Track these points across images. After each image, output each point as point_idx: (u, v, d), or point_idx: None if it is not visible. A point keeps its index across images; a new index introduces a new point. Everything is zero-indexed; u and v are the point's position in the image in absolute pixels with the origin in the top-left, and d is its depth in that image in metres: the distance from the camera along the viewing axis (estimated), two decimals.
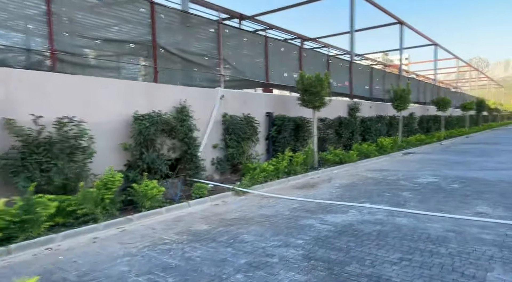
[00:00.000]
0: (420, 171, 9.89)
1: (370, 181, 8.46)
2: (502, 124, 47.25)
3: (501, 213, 5.35)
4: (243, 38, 10.05)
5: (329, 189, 7.55)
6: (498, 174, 8.88)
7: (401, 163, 11.85)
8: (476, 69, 53.50)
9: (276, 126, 10.38)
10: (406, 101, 16.50)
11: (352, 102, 14.89)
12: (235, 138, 8.86)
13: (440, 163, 11.36)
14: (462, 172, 9.47)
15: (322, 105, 10.50)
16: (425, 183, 8.02)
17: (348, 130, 14.11)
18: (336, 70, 14.87)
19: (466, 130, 28.21)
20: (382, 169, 10.56)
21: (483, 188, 7.28)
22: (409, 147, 16.88)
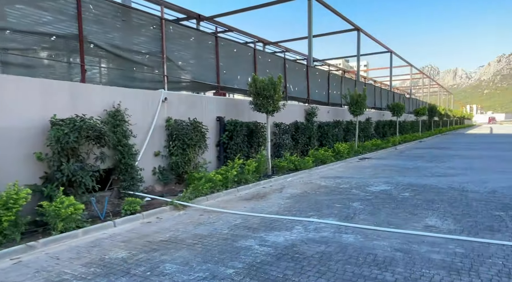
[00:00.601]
0: (373, 178, 9.72)
1: (322, 190, 8.07)
2: (452, 129, 50.27)
3: (451, 225, 5.09)
4: (190, 37, 9.33)
5: (279, 200, 7.03)
6: (448, 181, 8.89)
7: (356, 169, 11.70)
8: (428, 76, 56.62)
9: (228, 132, 9.75)
10: (362, 106, 16.60)
11: (309, 107, 14.66)
12: (180, 145, 8.09)
13: (394, 169, 11.34)
14: (414, 178, 9.41)
15: (276, 109, 10.04)
16: (377, 191, 7.76)
17: (305, 136, 13.82)
18: (293, 74, 14.58)
19: (419, 134, 29.39)
20: (337, 176, 10.29)
21: (433, 196, 7.13)
22: (365, 152, 17.00)
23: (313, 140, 14.53)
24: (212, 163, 9.55)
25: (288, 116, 13.27)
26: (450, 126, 52.78)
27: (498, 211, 5.81)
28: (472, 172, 10.28)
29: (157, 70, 8.50)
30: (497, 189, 7.73)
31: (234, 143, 9.86)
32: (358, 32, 24.35)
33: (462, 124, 70.78)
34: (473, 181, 8.75)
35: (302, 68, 15.20)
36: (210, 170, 8.93)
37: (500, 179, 8.95)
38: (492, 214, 5.64)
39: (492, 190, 7.58)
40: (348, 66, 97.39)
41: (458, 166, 11.81)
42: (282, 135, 12.37)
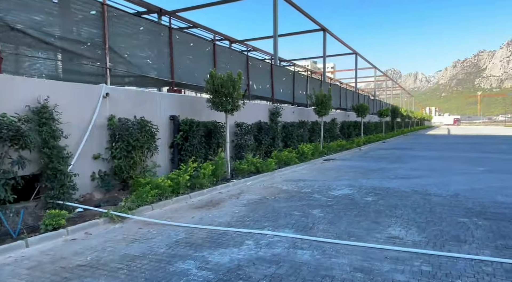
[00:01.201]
0: (336, 180, 9.31)
1: (282, 195, 7.49)
2: (413, 129, 52.24)
3: (415, 236, 4.66)
4: (139, 27, 8.40)
5: (233, 208, 6.34)
6: (411, 184, 8.66)
7: (320, 171, 11.29)
8: (391, 79, 58.54)
9: (182, 132, 8.92)
10: (327, 107, 16.35)
11: (273, 107, 14.13)
12: (124, 147, 7.17)
13: (357, 171, 11.05)
14: (377, 181, 9.10)
15: (236, 108, 9.36)
16: (340, 196, 7.31)
17: (269, 136, 13.26)
18: (257, 72, 13.97)
19: (383, 135, 29.97)
20: (299, 179, 9.79)
21: (396, 201, 6.77)
22: (330, 153, 16.78)
23: (278, 140, 14.02)
24: (165, 167, 8.69)
25: (251, 116, 12.65)
26: (411, 127, 54.86)
27: (462, 218, 5.49)
28: (434, 174, 10.19)
29: (99, 63, 7.51)
30: (459, 192, 7.55)
31: (190, 144, 9.05)
32: (324, 32, 24.29)
33: (422, 125, 74.04)
34: (435, 184, 8.57)
35: (267, 66, 14.64)
36: (162, 174, 8.09)
37: (461, 181, 8.85)
38: (457, 221, 5.30)
39: (454, 193, 7.36)
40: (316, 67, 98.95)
41: (421, 167, 11.76)
42: (244, 135, 11.71)
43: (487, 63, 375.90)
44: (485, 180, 9.03)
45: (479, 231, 4.81)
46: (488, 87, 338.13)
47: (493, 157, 14.59)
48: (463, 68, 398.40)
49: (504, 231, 4.82)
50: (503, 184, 8.33)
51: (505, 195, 7.15)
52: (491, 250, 4.08)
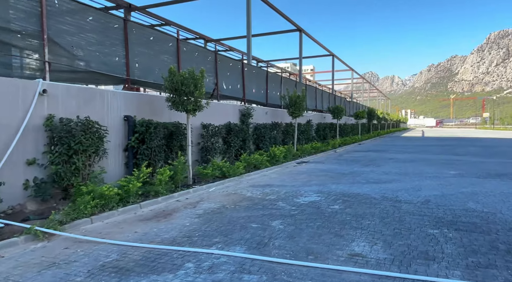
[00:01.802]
0: (306, 186, 8.80)
1: (244, 203, 6.87)
2: (389, 131, 53.06)
3: (380, 252, 4.15)
4: (87, 17, 7.57)
5: (185, 220, 5.66)
6: (381, 189, 8.25)
7: (290, 175, 10.77)
8: (368, 81, 59.33)
9: (138, 134, 8.14)
10: (301, 108, 15.91)
11: (244, 107, 13.52)
12: (65, 151, 6.34)
13: (329, 175, 10.60)
14: (347, 186, 8.65)
15: (198, 108, 8.68)
16: (306, 203, 6.77)
17: (239, 138, 12.64)
18: (227, 71, 13.33)
19: (359, 137, 30.01)
20: (267, 184, 9.22)
21: (365, 209, 6.30)
22: (304, 156, 16.35)
23: (249, 143, 13.42)
24: (118, 172, 7.89)
25: (219, 117, 11.99)
26: (387, 129, 55.77)
27: (432, 229, 5.05)
28: (406, 178, 9.87)
29: (37, 55, 6.64)
30: (430, 198, 7.18)
31: (147, 147, 8.29)
32: (300, 33, 23.96)
33: (398, 127, 75.59)
34: (406, 189, 8.20)
35: (237, 65, 14.02)
36: (114, 180, 7.30)
37: (432, 186, 8.53)
38: (426, 233, 4.85)
39: (425, 200, 6.98)
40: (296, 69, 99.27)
41: (393, 170, 11.46)
42: (211, 137, 11.04)
43: (459, 68, 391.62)
44: (456, 184, 8.76)
45: (449, 245, 4.36)
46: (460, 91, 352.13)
47: (464, 159, 14.58)
48: (437, 72, 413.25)
49: (475, 244, 4.39)
50: (473, 189, 8.05)
51: (476, 201, 6.83)
52: (461, 271, 3.61)
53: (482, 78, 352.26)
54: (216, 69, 12.25)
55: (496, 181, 9.19)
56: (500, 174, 10.37)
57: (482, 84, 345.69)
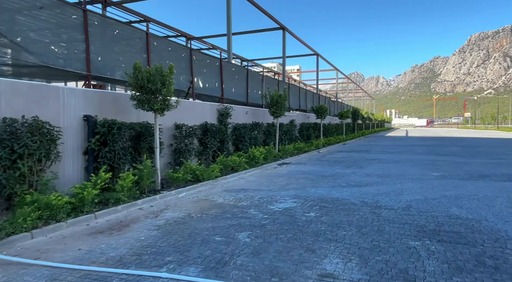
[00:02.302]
0: (283, 190, 8.28)
1: (213, 211, 6.29)
2: (373, 131, 53.31)
3: (354, 272, 3.64)
4: (38, 5, 6.81)
5: (141, 233, 5.04)
6: (362, 193, 7.80)
7: (269, 178, 10.23)
8: (353, 81, 59.54)
9: (99, 135, 7.44)
10: (282, 107, 15.43)
11: (222, 107, 12.92)
12: (7, 156, 5.61)
13: (309, 178, 10.11)
14: (327, 190, 8.18)
15: (167, 107, 8.03)
16: (280, 211, 6.23)
17: (216, 139, 12.03)
18: (204, 69, 12.70)
19: (343, 137, 29.79)
20: (243, 188, 8.65)
21: (342, 217, 5.81)
22: (286, 157, 15.87)
23: (227, 144, 12.83)
24: (77, 178, 7.17)
25: (195, 116, 11.36)
26: (372, 129, 56.06)
27: (413, 240, 4.58)
28: (388, 180, 9.48)
29: None
30: (412, 203, 6.76)
31: (110, 150, 7.59)
32: (284, 31, 23.48)
33: (382, 127, 76.31)
34: (388, 193, 7.78)
35: (215, 62, 13.39)
36: (69, 187, 6.59)
37: (414, 190, 8.14)
38: (407, 246, 4.38)
39: (407, 205, 6.55)
40: None
41: (375, 172, 11.07)
42: (185, 138, 10.39)
43: (442, 69, 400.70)
44: (439, 187, 8.40)
45: (432, 261, 3.88)
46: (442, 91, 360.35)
47: (447, 160, 14.37)
48: (420, 72, 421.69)
49: (460, 260, 3.93)
50: (457, 193, 7.69)
51: (459, 206, 6.43)
52: None
53: (463, 78, 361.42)
54: (191, 66, 11.61)
55: (479, 183, 8.88)
56: (483, 176, 10.11)
57: (464, 85, 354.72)
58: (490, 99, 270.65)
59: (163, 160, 9.76)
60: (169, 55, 10.64)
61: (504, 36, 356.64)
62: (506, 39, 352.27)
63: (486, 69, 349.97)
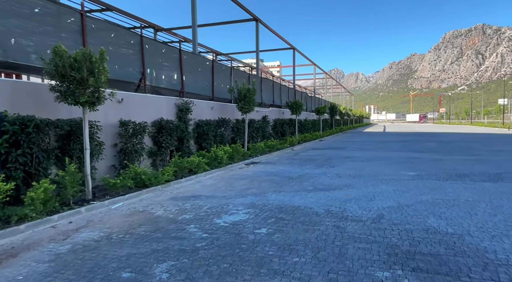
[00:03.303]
0: (240, 196, 7.14)
1: (142, 229, 5.07)
2: (352, 127, 53.14)
3: None
4: None
5: (24, 269, 3.76)
6: (329, 199, 6.77)
7: (230, 181, 9.08)
8: (331, 77, 59.13)
9: (8, 135, 6.04)
10: (251, 102, 14.28)
11: (181, 101, 11.62)
12: None
13: (274, 180, 9.03)
14: (290, 195, 7.10)
15: (98, 100, 6.70)
16: (225, 227, 5.09)
17: (174, 137, 10.74)
18: (161, 59, 11.34)
19: (320, 133, 29.02)
20: (194, 195, 7.46)
21: (299, 233, 4.73)
22: (256, 155, 14.76)
23: (188, 142, 11.56)
24: None
25: (148, 112, 10.04)
26: (350, 125, 55.91)
27: (381, 270, 3.55)
28: (360, 182, 8.52)
29: None
30: (384, 212, 5.77)
31: (25, 153, 6.21)
32: (257, 22, 22.24)
33: (361, 123, 76.65)
34: (358, 198, 6.79)
35: (173, 52, 12.05)
36: None
37: (388, 193, 7.19)
38: (373, 279, 3.33)
39: (378, 215, 5.56)
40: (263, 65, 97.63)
41: (347, 172, 10.12)
42: (132, 137, 9.06)
43: (418, 65, 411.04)
44: (415, 190, 7.49)
45: None
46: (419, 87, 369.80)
47: (423, 157, 13.67)
48: (398, 69, 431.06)
49: None
50: (434, 197, 6.79)
51: (438, 215, 5.49)
52: None
53: (438, 75, 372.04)
54: (142, 55, 10.23)
55: (458, 184, 8.05)
56: (461, 175, 9.33)
57: (439, 81, 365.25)
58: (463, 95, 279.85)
59: (105, 163, 8.42)
60: (114, 42, 9.24)
61: (476, 34, 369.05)
62: (478, 37, 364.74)
63: (460, 66, 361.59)
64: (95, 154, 7.83)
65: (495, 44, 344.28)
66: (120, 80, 9.51)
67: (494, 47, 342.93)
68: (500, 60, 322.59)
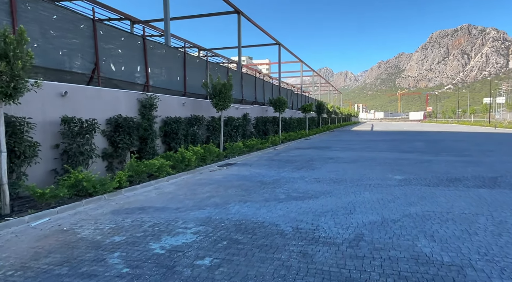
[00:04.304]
0: (196, 208, 5.98)
1: (48, 260, 3.85)
2: (339, 125, 52.43)
3: None
4: None
5: None
6: (301, 211, 5.67)
7: (192, 188, 7.89)
8: (319, 75, 58.30)
9: None
10: (227, 99, 13.10)
11: (145, 96, 10.36)
12: None
13: (244, 186, 7.89)
14: (255, 207, 5.97)
15: (15, 92, 5.42)
16: (158, 256, 3.92)
17: (134, 137, 9.49)
18: (121, 48, 10.04)
19: (306, 132, 28.02)
20: (143, 206, 6.25)
21: (252, 266, 3.60)
22: (233, 156, 13.60)
23: (152, 143, 10.32)
24: None
25: (100, 108, 8.78)
26: (338, 123, 55.23)
27: None
28: (340, 189, 7.45)
29: None
30: (364, 230, 4.68)
31: None
32: (239, 15, 21.02)
33: (349, 121, 76.23)
34: (335, 210, 5.70)
35: (136, 41, 10.74)
36: None
37: (370, 204, 6.12)
38: None
39: (356, 236, 4.46)
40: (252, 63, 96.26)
41: (328, 176, 9.05)
42: (78, 137, 7.76)
43: (406, 65, 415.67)
44: (403, 199, 6.45)
45: None
46: (406, 86, 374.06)
47: (411, 158, 12.73)
48: (386, 68, 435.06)
49: None
50: (424, 209, 5.75)
51: (430, 236, 4.43)
52: None
53: (425, 74, 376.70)
54: (95, 42, 8.93)
55: (451, 191, 7.05)
56: (453, 179, 8.36)
57: (426, 80, 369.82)
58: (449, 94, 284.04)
59: (43, 168, 7.14)
60: (58, 26, 7.91)
61: (462, 34, 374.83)
62: (464, 37, 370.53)
63: (446, 65, 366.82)
64: (27, 157, 6.54)
65: (480, 44, 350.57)
66: (66, 70, 8.20)
67: (479, 47, 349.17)
68: (485, 60, 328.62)
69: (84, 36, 8.65)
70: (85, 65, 8.77)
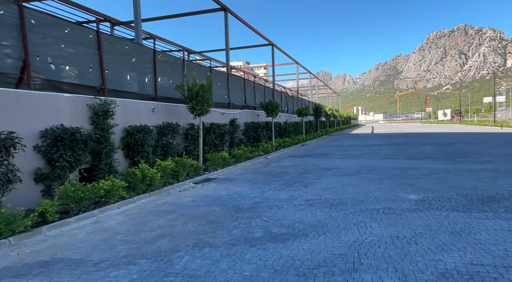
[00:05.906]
0: (120, 265, 4.03)
1: None
2: (338, 129, 50.49)
3: None
4: None
5: None
6: (278, 268, 3.71)
7: (141, 221, 5.95)
8: (317, 78, 56.57)
9: None
10: (205, 103, 11.20)
11: (98, 101, 8.45)
12: None
13: (211, 216, 5.94)
14: (212, 260, 4.02)
15: None
16: None
17: (79, 153, 7.55)
18: (66, 43, 8.16)
19: (303, 137, 26.08)
20: (53, 259, 4.31)
21: None
22: (216, 168, 11.67)
23: (108, 158, 8.40)
24: None
25: (32, 117, 6.85)
26: (337, 127, 53.28)
27: None
28: (339, 217, 5.50)
29: None
30: None
31: None
32: (225, 12, 19.19)
33: (349, 124, 74.29)
34: (330, 264, 3.74)
35: (87, 35, 8.85)
36: None
37: (382, 249, 4.17)
38: None
39: None
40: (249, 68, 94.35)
41: (323, 196, 7.10)
42: None
43: (404, 66, 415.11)
44: (428, 238, 4.50)
45: None
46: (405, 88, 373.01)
47: (423, 167, 10.79)
48: (384, 70, 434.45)
49: None
50: (465, 259, 3.80)
51: None
52: None
53: (424, 75, 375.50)
54: (23, 33, 7.03)
55: (491, 221, 5.10)
56: (487, 199, 6.40)
57: (424, 81, 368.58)
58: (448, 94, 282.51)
59: None
60: None
61: (459, 34, 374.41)
62: (461, 37, 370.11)
63: (444, 66, 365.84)
64: None
65: (477, 44, 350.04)
66: None
67: (476, 47, 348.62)
68: (483, 60, 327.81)
69: (5, 25, 6.76)
70: (10, 63, 6.87)
